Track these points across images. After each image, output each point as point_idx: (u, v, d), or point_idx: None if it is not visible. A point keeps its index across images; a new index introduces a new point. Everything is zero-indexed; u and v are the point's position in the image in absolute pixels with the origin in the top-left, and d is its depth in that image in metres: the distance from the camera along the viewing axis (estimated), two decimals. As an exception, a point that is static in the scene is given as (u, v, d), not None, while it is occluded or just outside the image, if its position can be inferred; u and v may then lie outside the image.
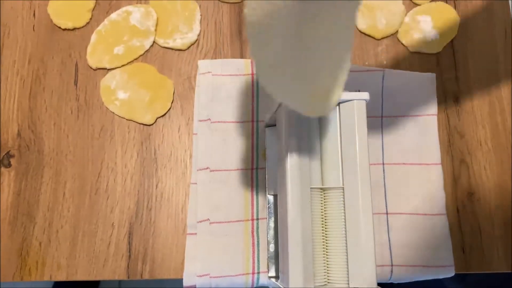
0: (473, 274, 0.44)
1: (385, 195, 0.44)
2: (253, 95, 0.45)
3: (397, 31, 0.49)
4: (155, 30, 0.48)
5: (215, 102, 0.44)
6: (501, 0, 0.50)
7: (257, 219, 0.42)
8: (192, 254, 0.41)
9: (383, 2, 0.50)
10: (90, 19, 0.48)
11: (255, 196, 0.43)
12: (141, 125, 0.46)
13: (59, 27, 0.48)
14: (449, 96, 0.47)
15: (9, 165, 0.44)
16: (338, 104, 0.35)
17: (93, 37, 0.47)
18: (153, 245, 0.42)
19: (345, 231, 0.33)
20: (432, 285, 0.47)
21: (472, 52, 0.49)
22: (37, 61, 0.47)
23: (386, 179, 0.44)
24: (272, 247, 0.41)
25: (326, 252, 0.34)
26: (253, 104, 0.45)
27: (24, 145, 0.44)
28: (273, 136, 0.44)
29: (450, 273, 0.42)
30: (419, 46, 0.48)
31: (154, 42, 0.48)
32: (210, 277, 0.40)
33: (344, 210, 0.34)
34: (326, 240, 0.34)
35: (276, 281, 0.40)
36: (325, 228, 0.34)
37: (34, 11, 0.49)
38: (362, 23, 0.49)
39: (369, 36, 0.49)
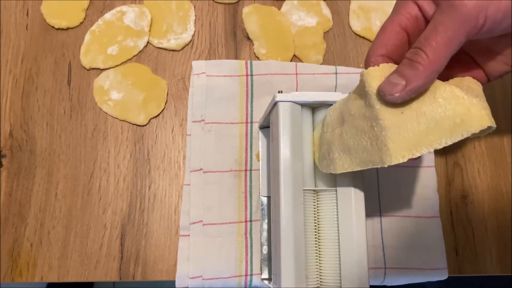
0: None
1: (379, 197, 0.44)
2: (247, 96, 0.45)
3: (392, 33, 0.49)
4: (149, 30, 0.48)
5: (209, 103, 0.44)
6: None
7: (251, 220, 0.42)
8: (185, 255, 0.41)
9: (378, 4, 0.50)
10: (84, 19, 0.48)
11: (248, 198, 0.43)
12: (135, 126, 0.45)
13: (53, 27, 0.48)
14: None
15: (1, 165, 0.43)
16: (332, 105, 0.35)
17: (87, 37, 0.47)
18: (145, 247, 0.42)
19: (338, 233, 0.33)
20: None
21: (467, 54, 0.49)
22: (30, 60, 0.47)
23: (380, 181, 0.44)
24: (265, 249, 0.41)
25: (319, 253, 0.34)
26: (247, 105, 0.45)
27: (16, 145, 0.44)
28: (266, 137, 0.44)
29: (443, 275, 0.42)
30: (414, 48, 0.48)
31: (148, 42, 0.48)
32: (203, 279, 0.40)
33: (337, 212, 0.33)
34: (319, 241, 0.34)
35: (269, 283, 0.40)
36: (318, 230, 0.34)
37: (28, 10, 0.48)
38: (357, 25, 0.49)
39: (363, 38, 0.49)
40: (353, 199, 0.33)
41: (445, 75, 0.30)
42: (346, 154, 0.31)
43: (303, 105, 0.35)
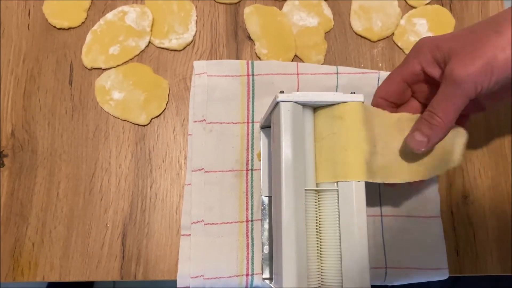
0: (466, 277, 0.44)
1: (380, 198, 0.44)
2: (249, 96, 0.45)
3: (393, 34, 0.49)
4: (151, 30, 0.48)
5: (210, 103, 0.44)
6: (496, 0, 0.51)
7: (252, 220, 0.42)
8: (186, 255, 0.41)
9: (379, 4, 0.50)
10: (86, 19, 0.48)
11: (249, 198, 0.43)
12: (136, 126, 0.45)
13: (54, 27, 0.48)
14: (444, 98, 0.47)
15: (3, 164, 0.44)
16: (333, 106, 0.36)
17: (89, 37, 0.47)
18: (147, 246, 0.42)
19: (339, 232, 0.33)
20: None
21: (468, 55, 0.49)
22: (31, 60, 0.47)
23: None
24: (266, 249, 0.41)
25: (320, 253, 0.34)
26: (248, 105, 0.45)
27: (17, 144, 0.44)
28: (268, 137, 0.44)
29: (444, 275, 0.42)
30: (415, 48, 0.49)
31: (149, 42, 0.48)
32: (204, 278, 0.40)
33: (338, 212, 0.33)
34: (320, 241, 0.34)
35: (270, 283, 0.40)
36: (319, 230, 0.34)
37: (29, 10, 0.48)
38: (358, 25, 0.49)
39: (365, 38, 0.49)
40: (354, 199, 0.33)
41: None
42: (332, 166, 0.34)
43: (305, 105, 0.35)
